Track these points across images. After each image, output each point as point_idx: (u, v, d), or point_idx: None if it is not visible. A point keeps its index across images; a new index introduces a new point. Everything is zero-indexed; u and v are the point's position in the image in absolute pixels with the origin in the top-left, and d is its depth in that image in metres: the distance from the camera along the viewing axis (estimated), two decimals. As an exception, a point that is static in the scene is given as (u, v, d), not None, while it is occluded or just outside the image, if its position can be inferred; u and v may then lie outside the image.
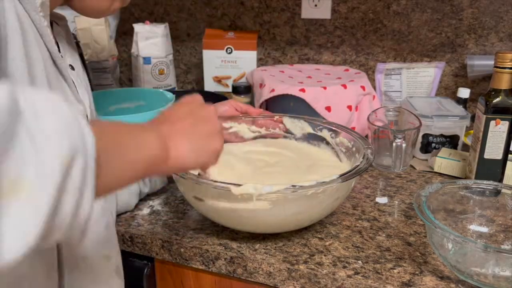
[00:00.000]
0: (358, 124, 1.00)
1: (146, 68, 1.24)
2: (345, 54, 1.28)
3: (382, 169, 0.91)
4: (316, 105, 0.96)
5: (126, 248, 0.71)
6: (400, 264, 0.62)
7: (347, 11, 1.24)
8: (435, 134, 0.94)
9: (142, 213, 0.75)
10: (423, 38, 1.20)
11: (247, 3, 1.33)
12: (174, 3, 1.40)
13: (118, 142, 0.38)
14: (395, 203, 0.78)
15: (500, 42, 1.14)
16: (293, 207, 0.61)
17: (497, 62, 0.73)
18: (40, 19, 0.49)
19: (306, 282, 0.61)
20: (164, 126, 0.46)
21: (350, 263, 0.62)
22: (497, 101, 0.74)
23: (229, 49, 1.29)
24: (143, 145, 0.41)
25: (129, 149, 0.39)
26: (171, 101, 0.92)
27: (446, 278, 0.60)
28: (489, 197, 0.68)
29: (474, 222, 0.68)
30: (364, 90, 1.00)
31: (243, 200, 0.58)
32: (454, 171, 0.88)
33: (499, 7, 1.12)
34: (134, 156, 0.39)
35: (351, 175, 0.62)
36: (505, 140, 0.76)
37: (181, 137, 0.46)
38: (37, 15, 0.48)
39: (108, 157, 0.35)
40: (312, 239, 0.68)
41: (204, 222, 0.72)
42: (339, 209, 0.76)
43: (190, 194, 0.66)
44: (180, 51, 1.45)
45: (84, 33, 1.22)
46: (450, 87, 1.21)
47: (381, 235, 0.69)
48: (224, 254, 0.65)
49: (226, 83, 1.32)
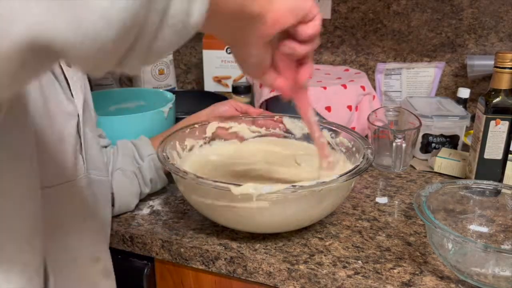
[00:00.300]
0: (358, 124, 1.00)
1: (146, 68, 1.24)
2: (345, 54, 1.28)
3: (382, 169, 0.91)
4: (316, 105, 0.96)
5: (126, 248, 0.71)
6: (400, 264, 0.62)
7: (347, 11, 1.24)
8: (435, 134, 0.94)
9: (142, 213, 0.75)
10: (423, 38, 1.20)
11: (247, 3, 1.32)
12: (174, 3, 1.40)
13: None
14: (395, 203, 0.78)
15: (500, 42, 1.14)
16: (293, 207, 0.61)
17: (497, 62, 0.73)
18: None
19: (306, 282, 0.61)
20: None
21: (350, 263, 0.62)
22: (497, 101, 0.74)
23: (229, 49, 1.29)
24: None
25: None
26: (171, 101, 0.92)
27: (446, 278, 0.60)
28: (489, 197, 0.68)
29: (474, 222, 0.68)
30: (364, 90, 1.00)
31: (243, 200, 0.58)
32: (454, 171, 0.88)
33: (499, 7, 1.12)
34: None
35: (351, 175, 0.62)
36: (505, 140, 0.76)
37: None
38: None
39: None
40: (312, 239, 0.68)
41: (204, 222, 0.72)
42: (339, 209, 0.76)
43: (190, 194, 0.66)
44: (180, 51, 1.45)
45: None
46: (450, 87, 1.21)
47: (381, 235, 0.69)
48: (224, 254, 0.65)
49: (226, 83, 1.32)
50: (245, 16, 0.40)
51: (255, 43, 0.45)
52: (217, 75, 1.32)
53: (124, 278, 0.66)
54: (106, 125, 0.79)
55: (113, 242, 0.71)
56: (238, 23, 0.41)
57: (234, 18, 0.40)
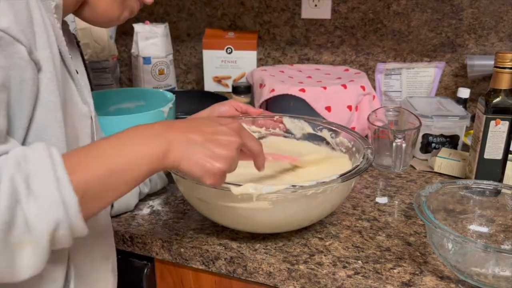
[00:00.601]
0: (358, 124, 1.00)
1: (146, 68, 1.24)
2: (345, 54, 1.28)
3: (382, 169, 0.91)
4: (316, 105, 0.96)
5: (126, 248, 0.71)
6: (400, 264, 0.62)
7: (347, 11, 1.24)
8: (435, 134, 0.94)
9: (142, 213, 0.75)
10: (423, 38, 1.20)
11: (247, 3, 1.33)
12: (174, 3, 1.40)
13: (115, 166, 0.44)
14: (395, 203, 0.78)
15: (500, 42, 1.14)
16: (293, 207, 0.61)
17: (497, 62, 0.73)
18: (54, 20, 0.50)
19: (306, 282, 0.61)
20: (180, 133, 0.48)
21: (350, 263, 0.62)
22: (497, 101, 0.74)
23: (229, 49, 1.29)
24: (142, 158, 0.45)
25: (128, 170, 0.45)
26: (171, 101, 0.92)
27: (446, 278, 0.60)
28: (489, 197, 0.68)
29: (474, 222, 0.68)
30: (364, 90, 1.00)
31: (243, 200, 0.58)
32: (454, 171, 0.88)
33: (499, 7, 1.12)
34: (133, 173, 0.45)
35: (351, 175, 0.62)
36: (505, 140, 0.76)
37: (186, 144, 0.48)
38: (51, 16, 0.49)
39: (108, 183, 0.43)
40: (312, 239, 0.68)
41: (204, 222, 0.72)
42: (339, 209, 0.76)
43: (190, 194, 0.66)
44: (180, 51, 1.45)
45: (84, 33, 1.22)
46: (450, 87, 1.21)
47: (381, 235, 0.69)
48: (224, 254, 0.65)
49: (226, 83, 1.32)
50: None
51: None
52: (217, 75, 1.32)
53: (124, 278, 0.67)
54: (106, 125, 0.79)
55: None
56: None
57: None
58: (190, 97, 1.20)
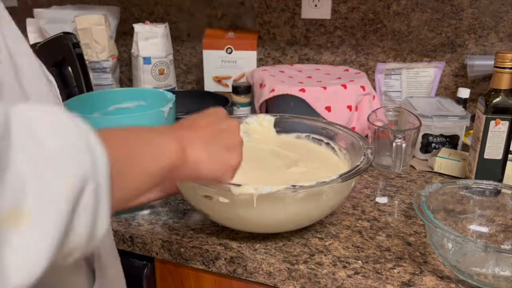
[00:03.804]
0: (358, 124, 1.00)
1: (146, 68, 1.24)
2: (345, 54, 1.28)
3: (382, 169, 0.91)
4: (316, 105, 0.96)
5: (126, 248, 0.71)
6: (400, 264, 0.62)
7: (347, 11, 1.24)
8: (435, 134, 0.94)
9: (142, 213, 0.75)
10: (423, 38, 1.20)
11: (247, 3, 1.33)
12: (174, 3, 1.40)
13: (133, 151, 0.36)
14: (395, 203, 0.78)
15: (500, 42, 1.14)
16: (293, 207, 0.61)
17: (497, 62, 0.73)
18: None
19: (306, 282, 0.61)
20: (184, 132, 0.45)
21: (350, 263, 0.62)
22: (497, 101, 0.74)
23: (229, 49, 1.29)
24: (161, 152, 0.39)
25: (145, 157, 0.37)
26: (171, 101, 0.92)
27: (446, 278, 0.60)
28: (489, 197, 0.68)
29: (474, 222, 0.68)
30: (364, 90, 1.00)
31: (243, 200, 0.58)
32: (454, 171, 0.88)
33: (499, 7, 1.12)
34: (151, 165, 0.38)
35: (351, 175, 0.62)
36: (505, 140, 0.76)
37: (200, 144, 0.45)
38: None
39: (123, 168, 0.34)
40: (312, 239, 0.68)
41: (204, 222, 0.72)
42: (339, 209, 0.76)
43: (190, 194, 0.66)
44: (180, 51, 1.45)
45: (84, 33, 1.22)
46: (450, 87, 1.21)
47: (381, 235, 0.69)
48: (224, 254, 0.65)
49: (226, 83, 1.32)
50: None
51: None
52: (217, 75, 1.32)
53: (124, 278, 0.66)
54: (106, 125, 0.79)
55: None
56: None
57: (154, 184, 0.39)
58: (190, 97, 1.20)
